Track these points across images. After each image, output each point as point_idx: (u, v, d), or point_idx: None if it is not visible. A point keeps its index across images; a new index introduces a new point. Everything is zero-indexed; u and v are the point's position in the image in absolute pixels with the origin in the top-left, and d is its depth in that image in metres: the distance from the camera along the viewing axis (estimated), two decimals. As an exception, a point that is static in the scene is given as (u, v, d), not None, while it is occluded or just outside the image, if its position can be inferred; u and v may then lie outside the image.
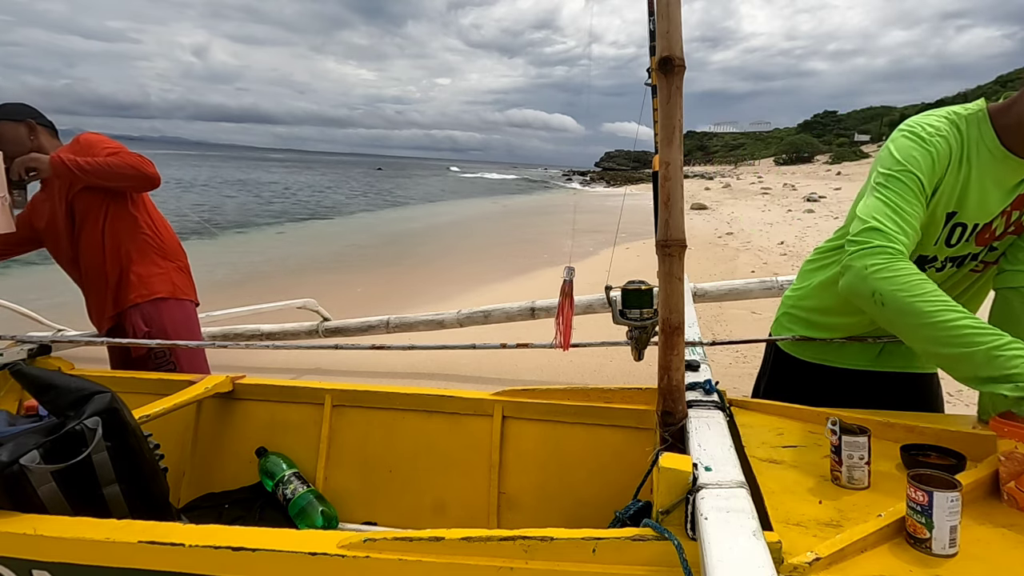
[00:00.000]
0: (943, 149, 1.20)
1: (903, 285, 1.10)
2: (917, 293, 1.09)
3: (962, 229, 1.26)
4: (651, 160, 2.25)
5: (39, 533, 1.08)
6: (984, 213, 1.24)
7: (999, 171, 1.22)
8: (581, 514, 1.60)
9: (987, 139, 1.21)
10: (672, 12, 0.99)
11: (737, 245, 9.91)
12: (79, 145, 2.21)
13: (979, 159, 1.21)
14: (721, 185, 31.11)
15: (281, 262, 10.30)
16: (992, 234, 1.28)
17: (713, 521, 0.80)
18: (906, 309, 1.10)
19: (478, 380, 4.10)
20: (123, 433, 1.30)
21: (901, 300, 1.10)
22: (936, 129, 1.21)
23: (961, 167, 1.21)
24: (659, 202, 1.04)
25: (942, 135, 1.21)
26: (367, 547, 0.97)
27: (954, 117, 1.24)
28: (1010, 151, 1.20)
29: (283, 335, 4.54)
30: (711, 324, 5.06)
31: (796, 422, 1.36)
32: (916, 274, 1.12)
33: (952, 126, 1.22)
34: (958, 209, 1.24)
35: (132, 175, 2.18)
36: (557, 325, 1.30)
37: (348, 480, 1.77)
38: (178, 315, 2.35)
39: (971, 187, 1.21)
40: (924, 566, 0.84)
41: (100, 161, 2.13)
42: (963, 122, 1.22)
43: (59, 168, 2.12)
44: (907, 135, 1.23)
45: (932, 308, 1.07)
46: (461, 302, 5.41)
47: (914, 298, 1.09)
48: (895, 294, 1.11)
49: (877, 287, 1.13)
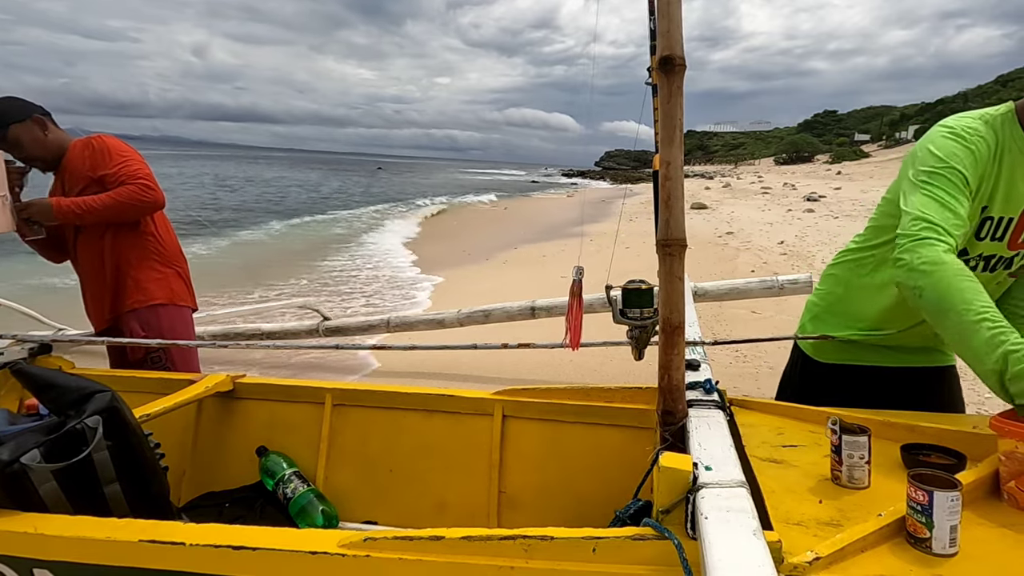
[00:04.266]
0: (983, 148, 1.24)
1: (943, 279, 1.12)
2: (956, 288, 1.10)
3: (991, 223, 1.30)
4: (651, 159, 2.24)
5: (40, 532, 1.08)
6: (1012, 207, 1.28)
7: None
8: (581, 513, 1.60)
9: (1017, 138, 1.25)
10: (672, 11, 0.99)
11: (737, 245, 9.91)
12: (92, 150, 2.21)
13: (1010, 156, 1.25)
14: (721, 185, 31.10)
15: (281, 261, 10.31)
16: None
17: (713, 520, 0.80)
18: (940, 304, 1.11)
19: (478, 380, 4.10)
20: (124, 432, 1.30)
21: (939, 293, 1.11)
22: (975, 130, 1.25)
23: (995, 165, 1.25)
24: (659, 201, 1.04)
25: (980, 135, 1.25)
26: (367, 546, 0.97)
27: (988, 118, 1.28)
28: None
29: (283, 334, 4.55)
30: (711, 324, 5.06)
31: (796, 422, 1.36)
32: (961, 270, 1.13)
33: (988, 127, 1.26)
34: (988, 204, 1.28)
35: (135, 207, 2.19)
36: (567, 325, 1.30)
37: (348, 479, 1.78)
38: (176, 321, 2.34)
39: (1001, 183, 1.26)
40: (924, 566, 0.85)
41: (104, 202, 2.13)
42: (996, 121, 1.27)
43: (64, 215, 2.13)
44: (947, 135, 1.26)
45: (964, 306, 1.08)
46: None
47: (951, 293, 1.10)
48: (935, 286, 1.12)
49: (920, 280, 1.14)
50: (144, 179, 2.18)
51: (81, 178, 2.21)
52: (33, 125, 2.21)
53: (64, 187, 2.27)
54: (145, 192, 2.18)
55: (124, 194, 2.15)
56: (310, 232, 15.00)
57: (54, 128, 2.27)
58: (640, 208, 13.91)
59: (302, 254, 11.11)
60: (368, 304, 6.99)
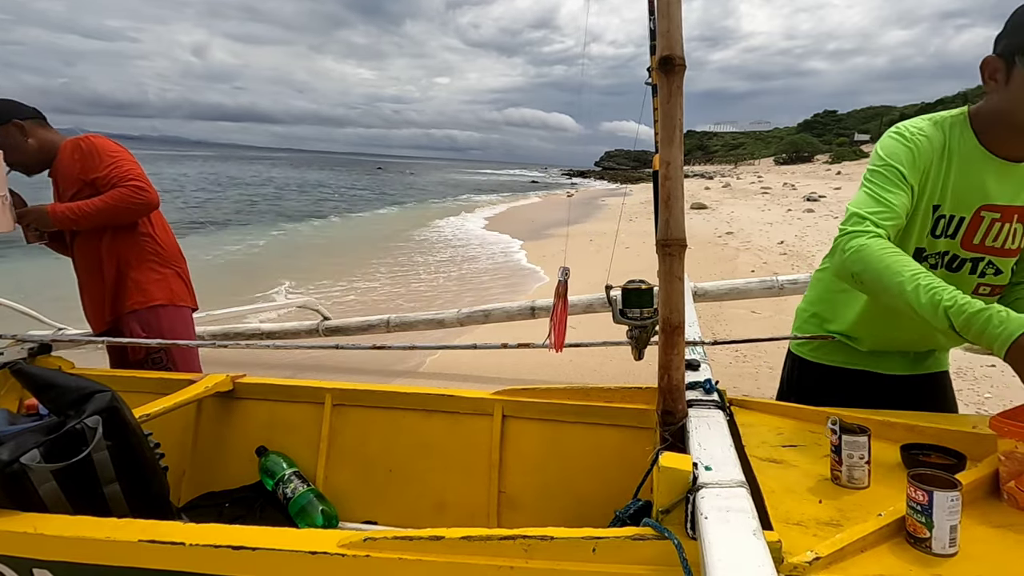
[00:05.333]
0: (924, 145, 1.30)
1: (875, 259, 1.19)
2: (884, 264, 1.18)
3: (944, 221, 1.34)
4: (651, 159, 2.24)
5: (40, 532, 1.08)
6: (963, 207, 1.32)
7: (979, 169, 1.30)
8: (581, 513, 1.60)
9: (968, 140, 1.30)
10: (672, 11, 0.99)
11: (737, 245, 9.91)
12: (81, 152, 2.19)
13: (960, 157, 1.30)
14: (721, 185, 31.10)
15: (282, 261, 10.31)
16: (980, 243, 1.34)
17: (713, 520, 0.80)
18: (878, 283, 1.19)
19: (478, 380, 4.10)
20: (123, 432, 1.30)
21: (873, 273, 1.19)
22: (920, 129, 1.32)
23: (943, 163, 1.30)
24: (659, 201, 1.04)
25: (924, 134, 1.31)
26: (367, 546, 0.97)
27: (938, 119, 1.34)
28: (988, 150, 1.29)
29: (283, 334, 4.55)
30: (711, 324, 5.06)
31: (796, 421, 1.36)
32: (884, 246, 1.21)
33: (935, 127, 1.32)
34: (941, 202, 1.33)
35: (129, 209, 2.18)
36: (551, 326, 1.30)
37: (348, 479, 1.77)
38: (176, 322, 2.34)
39: (951, 181, 1.31)
40: (924, 566, 0.85)
41: (97, 206, 2.13)
42: (946, 123, 1.32)
43: (59, 221, 2.14)
44: (891, 136, 1.35)
45: (896, 278, 1.15)
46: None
47: (880, 270, 1.18)
48: (869, 267, 1.20)
49: (855, 267, 1.23)
50: (136, 180, 2.17)
51: (73, 181, 2.20)
52: (12, 130, 2.18)
53: (58, 191, 2.27)
54: (138, 194, 2.17)
55: (117, 197, 2.14)
56: (413, 213, 18.82)
57: (41, 131, 2.25)
58: (639, 208, 13.94)
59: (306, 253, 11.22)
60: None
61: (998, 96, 1.24)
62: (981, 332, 1.06)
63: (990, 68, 1.24)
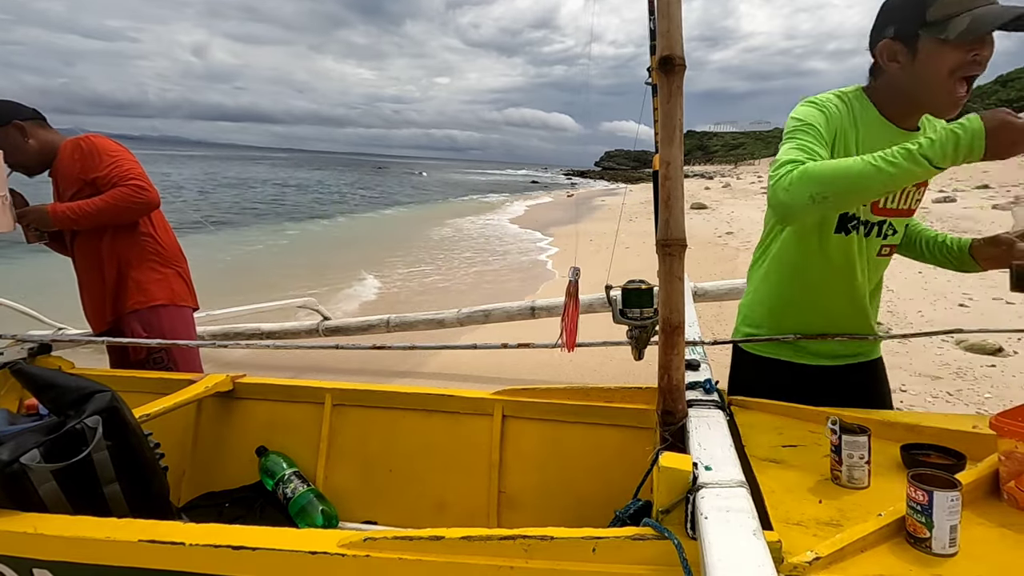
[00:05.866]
0: (834, 111, 1.36)
1: (824, 169, 1.19)
2: (829, 165, 1.19)
3: None
4: (651, 159, 2.25)
5: (40, 532, 1.08)
6: None
7: (882, 137, 1.36)
8: (581, 513, 1.60)
9: (868, 111, 1.39)
10: (672, 11, 0.99)
11: (737, 245, 9.91)
12: (81, 152, 2.19)
13: (864, 125, 1.38)
14: (721, 185, 31.08)
15: (282, 260, 10.32)
16: (884, 206, 1.42)
17: (713, 520, 0.80)
18: (840, 180, 1.17)
19: (478, 380, 4.10)
20: (123, 432, 1.30)
21: (829, 178, 1.17)
22: (828, 99, 1.39)
23: (849, 131, 1.38)
24: (659, 201, 1.04)
25: (833, 103, 1.38)
26: (367, 546, 0.97)
27: (839, 93, 1.42)
28: (888, 119, 1.38)
29: (283, 334, 4.55)
30: (711, 324, 5.06)
31: (796, 421, 1.36)
32: (829, 161, 1.23)
33: (839, 99, 1.40)
34: None
35: (130, 209, 2.18)
36: (562, 326, 1.30)
37: (348, 479, 1.77)
38: (177, 321, 2.33)
39: (858, 149, 1.36)
40: (924, 565, 0.85)
41: (98, 205, 2.13)
42: (847, 97, 1.41)
43: (60, 221, 2.14)
44: (803, 104, 1.41)
45: (847, 164, 1.17)
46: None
47: (836, 169, 1.18)
48: (823, 178, 1.18)
49: (810, 189, 1.19)
50: (136, 179, 2.17)
51: (73, 181, 2.20)
52: (12, 131, 2.18)
53: (58, 191, 2.27)
54: (138, 193, 2.17)
55: (117, 196, 2.14)
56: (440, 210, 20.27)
57: (41, 132, 2.25)
58: (639, 208, 13.95)
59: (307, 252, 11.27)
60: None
61: (904, 74, 1.31)
62: (955, 147, 1.09)
63: (889, 52, 1.31)
